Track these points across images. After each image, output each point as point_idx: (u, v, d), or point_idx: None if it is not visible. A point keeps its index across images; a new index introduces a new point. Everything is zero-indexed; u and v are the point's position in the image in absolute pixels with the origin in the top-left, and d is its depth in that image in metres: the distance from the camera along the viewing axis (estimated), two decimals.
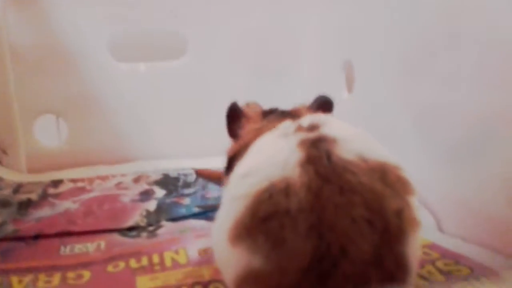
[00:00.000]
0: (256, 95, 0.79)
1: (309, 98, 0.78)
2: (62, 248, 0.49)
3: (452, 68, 0.47)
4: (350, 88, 0.69)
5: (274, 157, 0.30)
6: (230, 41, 0.76)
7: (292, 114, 0.41)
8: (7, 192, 0.64)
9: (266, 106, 0.79)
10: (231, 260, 0.28)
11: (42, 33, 0.71)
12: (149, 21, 0.74)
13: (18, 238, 0.51)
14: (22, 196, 0.62)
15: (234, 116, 0.43)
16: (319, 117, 0.35)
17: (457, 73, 0.47)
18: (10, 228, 0.53)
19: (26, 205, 0.59)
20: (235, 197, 0.29)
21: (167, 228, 0.53)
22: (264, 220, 0.27)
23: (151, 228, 0.53)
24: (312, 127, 0.32)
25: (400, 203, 0.28)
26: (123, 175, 0.68)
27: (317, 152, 0.29)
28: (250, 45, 0.76)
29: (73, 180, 0.67)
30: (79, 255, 0.47)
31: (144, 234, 0.52)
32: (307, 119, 0.34)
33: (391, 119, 0.59)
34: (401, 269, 0.27)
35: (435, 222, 0.50)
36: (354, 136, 0.31)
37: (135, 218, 0.55)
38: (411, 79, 0.54)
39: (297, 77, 0.79)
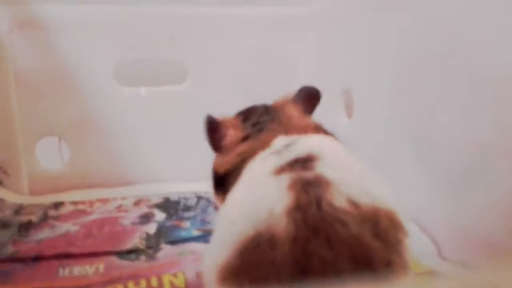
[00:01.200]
0: None
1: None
2: (61, 270, 0.49)
3: (448, 93, 0.48)
4: (349, 114, 0.70)
5: (263, 201, 0.29)
6: (229, 67, 0.77)
7: (276, 114, 0.40)
8: (7, 213, 0.64)
9: None
10: None
11: (46, 57, 0.73)
12: (150, 48, 0.76)
13: (17, 259, 0.51)
14: (23, 218, 0.62)
15: (212, 128, 0.42)
16: (317, 143, 0.34)
17: (453, 98, 0.47)
18: (9, 249, 0.53)
19: (26, 227, 0.59)
20: (223, 242, 0.29)
21: (166, 251, 0.53)
22: (250, 269, 0.26)
23: (150, 251, 0.53)
24: (308, 161, 0.31)
25: (390, 255, 0.27)
26: (123, 198, 0.69)
27: (307, 197, 0.28)
28: (249, 71, 0.78)
29: (74, 203, 0.67)
30: (78, 278, 0.47)
31: (143, 257, 0.52)
32: (305, 144, 0.33)
33: (390, 144, 0.59)
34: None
35: (435, 248, 0.50)
36: (350, 175, 0.30)
37: (135, 241, 0.55)
38: (408, 104, 0.55)
39: None
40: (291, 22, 0.78)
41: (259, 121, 0.40)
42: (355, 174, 0.31)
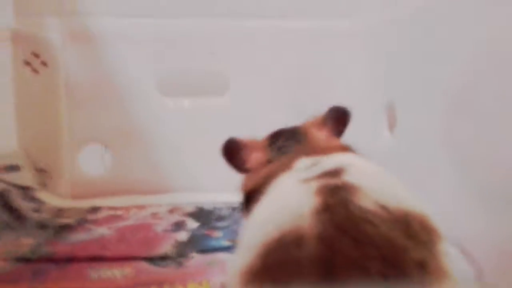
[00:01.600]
0: None
1: (352, 137, 0.78)
2: (91, 272, 0.49)
3: (496, 106, 0.45)
4: (391, 127, 0.67)
5: (289, 204, 0.28)
6: (271, 80, 0.77)
7: (302, 137, 0.39)
8: (47, 215, 0.65)
9: None
10: None
11: (95, 69, 0.75)
12: (193, 59, 0.77)
13: (51, 260, 0.52)
14: (61, 221, 0.64)
15: (232, 150, 0.41)
16: (343, 159, 0.33)
17: (500, 112, 0.44)
18: (44, 250, 0.54)
19: (63, 229, 0.61)
20: (247, 246, 0.28)
21: (196, 259, 0.52)
22: (274, 270, 0.25)
23: (180, 259, 0.52)
24: (335, 173, 0.30)
25: (423, 254, 0.25)
26: (159, 205, 0.69)
27: (335, 200, 0.27)
28: (291, 83, 0.77)
29: (111, 208, 0.69)
30: (107, 280, 0.47)
31: (172, 264, 0.51)
32: (330, 161, 0.32)
33: (434, 159, 0.56)
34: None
35: (474, 271, 0.46)
36: (379, 183, 0.29)
37: (165, 247, 0.55)
38: (453, 117, 0.52)
39: None
40: (334, 35, 0.77)
41: (284, 145, 0.40)
42: (383, 181, 0.30)
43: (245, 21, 0.76)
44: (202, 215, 0.65)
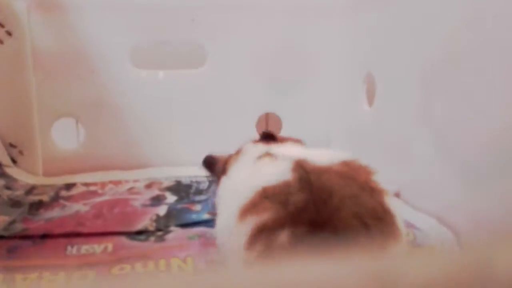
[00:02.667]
0: (275, 107, 0.79)
1: (331, 110, 0.78)
2: (69, 248, 0.48)
3: (477, 81, 0.45)
4: (370, 102, 0.68)
5: (274, 168, 0.38)
6: (249, 52, 0.76)
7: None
8: (20, 192, 0.63)
9: (286, 117, 0.79)
10: (240, 229, 0.35)
11: (64, 39, 0.72)
12: (170, 30, 0.75)
13: (26, 236, 0.50)
14: (34, 197, 0.62)
15: (210, 163, 0.52)
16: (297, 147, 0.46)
17: (482, 87, 0.45)
18: (19, 227, 0.53)
19: (37, 206, 0.59)
20: (247, 188, 0.36)
21: (176, 233, 0.52)
22: (269, 195, 0.35)
23: (159, 233, 0.52)
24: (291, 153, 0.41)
25: (368, 175, 0.37)
26: (135, 180, 0.68)
27: (301, 161, 0.37)
28: (269, 56, 0.76)
29: (86, 184, 0.67)
30: (86, 256, 0.46)
31: (152, 238, 0.51)
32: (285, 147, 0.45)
33: (412, 133, 0.57)
34: (380, 216, 0.34)
35: (454, 237, 0.48)
36: (328, 156, 0.39)
37: (145, 222, 0.54)
38: (433, 92, 0.53)
39: (317, 89, 0.78)
40: (313, 8, 0.76)
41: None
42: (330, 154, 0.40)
43: None
44: (181, 189, 0.65)
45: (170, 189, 0.65)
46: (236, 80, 0.76)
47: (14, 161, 0.71)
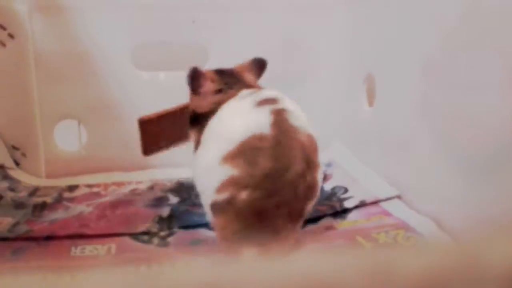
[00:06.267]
0: None
1: (331, 109, 0.78)
2: (73, 249, 0.49)
3: (475, 76, 0.46)
4: (371, 101, 0.68)
5: (255, 120, 0.45)
6: (250, 52, 0.75)
7: (239, 77, 0.56)
8: (23, 194, 0.64)
9: None
10: (218, 174, 0.43)
11: (66, 41, 0.73)
12: (171, 32, 0.75)
13: (30, 238, 0.51)
14: (38, 199, 0.62)
15: (195, 76, 0.55)
16: (273, 93, 0.49)
17: (480, 82, 0.45)
18: (23, 228, 0.53)
19: (41, 208, 0.59)
20: (230, 139, 0.44)
21: (178, 235, 0.52)
22: (247, 151, 0.43)
23: (162, 234, 0.52)
24: (273, 100, 0.47)
25: (315, 152, 0.46)
26: (138, 182, 0.68)
27: (280, 118, 0.45)
28: (270, 56, 0.76)
29: (89, 185, 0.67)
30: (90, 257, 0.47)
31: (155, 240, 0.51)
32: (264, 93, 0.49)
33: (413, 132, 0.57)
34: (314, 188, 0.45)
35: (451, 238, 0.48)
36: (297, 110, 0.48)
37: (148, 223, 0.54)
38: (434, 91, 0.53)
39: (318, 89, 0.78)
40: (313, 7, 0.76)
41: (228, 81, 0.54)
42: (298, 109, 0.48)
43: None
44: (183, 190, 0.65)
45: (173, 190, 0.65)
46: None
47: (17, 163, 0.71)
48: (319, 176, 0.46)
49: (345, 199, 0.60)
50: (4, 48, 0.70)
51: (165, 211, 0.58)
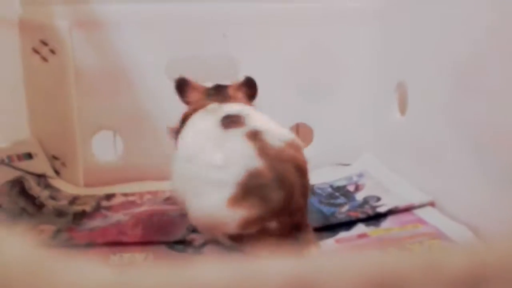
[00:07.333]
0: (306, 117, 0.80)
1: (362, 119, 0.78)
2: (112, 257, 0.50)
3: (508, 83, 0.45)
4: (403, 110, 0.68)
5: (238, 151, 0.46)
6: (279, 63, 0.77)
7: (225, 92, 0.57)
8: (63, 203, 0.66)
9: (317, 127, 0.80)
10: (231, 216, 0.45)
11: (104, 55, 0.76)
12: (203, 45, 0.77)
13: (72, 246, 0.53)
14: (77, 207, 0.65)
15: (181, 85, 0.58)
16: (239, 108, 0.52)
17: (510, 90, 0.45)
18: (64, 236, 0.55)
19: (80, 216, 0.62)
20: (225, 182, 0.45)
21: (213, 245, 0.53)
22: (252, 190, 0.44)
23: (197, 243, 0.53)
24: (237, 117, 0.49)
25: (304, 158, 0.49)
26: (172, 190, 0.70)
27: (260, 142, 0.46)
28: (300, 66, 0.77)
29: (125, 194, 0.69)
30: (128, 265, 0.48)
31: (189, 249, 0.52)
32: (229, 108, 0.52)
33: (445, 140, 0.56)
34: (308, 185, 0.49)
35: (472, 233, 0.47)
36: (269, 126, 0.49)
37: (182, 232, 0.56)
38: (466, 98, 0.52)
39: (349, 98, 0.78)
40: (343, 15, 0.77)
41: (212, 93, 0.57)
42: (271, 125, 0.50)
43: (256, 3, 0.76)
44: None
45: None
46: (267, 91, 0.77)
47: (57, 172, 0.74)
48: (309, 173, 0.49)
49: (377, 206, 0.60)
50: (46, 63, 0.73)
51: None
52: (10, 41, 0.72)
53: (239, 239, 0.46)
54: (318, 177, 0.73)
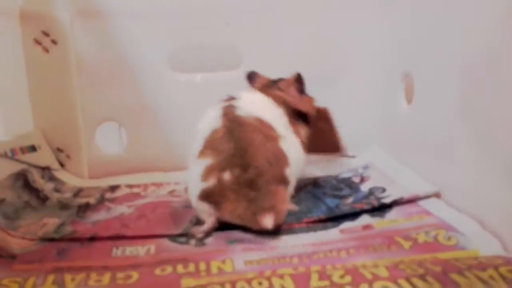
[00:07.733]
0: None
1: (369, 108, 0.77)
2: (114, 250, 0.50)
3: None
4: (409, 99, 0.66)
5: (211, 116, 0.57)
6: (284, 52, 0.76)
7: (275, 84, 0.66)
8: (67, 195, 0.67)
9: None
10: (198, 167, 0.53)
11: (106, 45, 0.75)
12: (206, 34, 0.76)
13: (75, 239, 0.53)
14: (82, 200, 0.65)
15: (250, 76, 0.69)
16: (241, 93, 0.61)
17: None
18: (68, 229, 0.55)
19: (84, 208, 0.62)
20: (198, 140, 0.56)
21: (215, 237, 0.53)
22: (211, 143, 0.54)
23: (199, 236, 0.53)
24: (232, 99, 0.60)
25: (273, 133, 0.57)
26: (176, 183, 0.69)
27: (227, 111, 0.57)
28: (304, 55, 0.76)
29: (129, 186, 0.69)
30: (130, 258, 0.48)
31: (192, 241, 0.52)
32: (244, 97, 0.61)
33: (452, 131, 0.55)
34: (281, 154, 0.56)
35: (499, 244, 0.46)
36: (251, 105, 0.59)
37: (185, 225, 0.55)
38: (473, 89, 0.51)
39: (355, 88, 0.77)
40: (349, 4, 0.75)
41: (269, 85, 0.66)
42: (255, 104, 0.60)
43: None
44: None
45: None
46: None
47: (61, 164, 0.75)
48: (283, 146, 0.56)
49: (383, 197, 0.59)
50: (48, 54, 0.73)
51: None
52: (11, 33, 0.71)
53: (206, 198, 0.53)
54: (323, 170, 0.72)
